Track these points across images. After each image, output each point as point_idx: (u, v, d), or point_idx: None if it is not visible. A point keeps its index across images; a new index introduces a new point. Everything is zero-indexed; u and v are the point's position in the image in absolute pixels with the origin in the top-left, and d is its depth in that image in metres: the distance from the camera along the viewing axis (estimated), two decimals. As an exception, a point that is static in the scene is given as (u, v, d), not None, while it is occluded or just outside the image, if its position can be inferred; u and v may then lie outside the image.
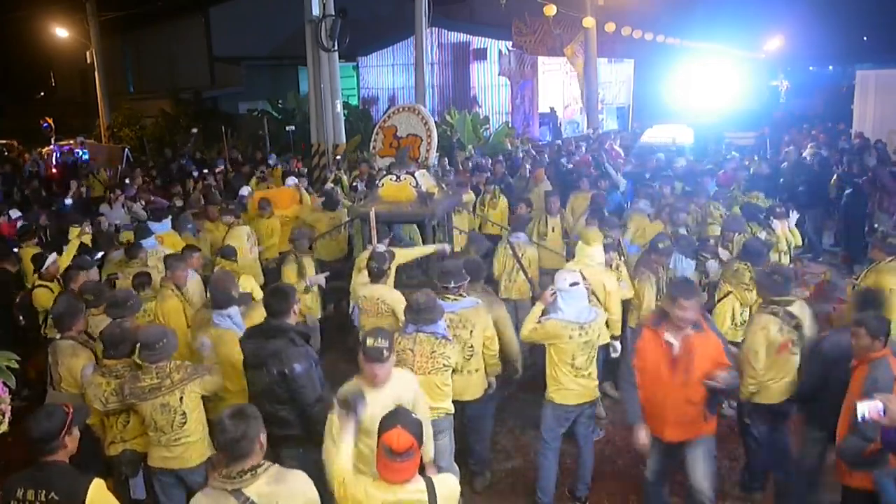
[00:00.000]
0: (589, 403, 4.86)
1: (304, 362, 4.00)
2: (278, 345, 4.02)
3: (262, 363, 4.02)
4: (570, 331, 4.61)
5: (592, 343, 4.73)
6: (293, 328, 4.17)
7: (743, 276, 5.88)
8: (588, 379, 4.77)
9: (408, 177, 6.73)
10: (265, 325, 4.19)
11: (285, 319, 4.16)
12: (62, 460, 3.17)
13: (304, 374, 3.98)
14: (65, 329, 4.83)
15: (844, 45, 23.81)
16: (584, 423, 4.92)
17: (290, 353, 3.99)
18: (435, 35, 22.67)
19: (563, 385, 4.71)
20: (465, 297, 4.92)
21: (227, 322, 4.82)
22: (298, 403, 4.01)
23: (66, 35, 24.32)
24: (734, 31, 22.09)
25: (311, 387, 4.02)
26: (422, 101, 16.21)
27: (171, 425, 4.10)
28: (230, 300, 4.89)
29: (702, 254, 6.36)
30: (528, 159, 12.90)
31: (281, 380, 3.97)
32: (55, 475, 3.11)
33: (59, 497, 3.05)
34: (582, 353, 4.68)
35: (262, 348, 4.06)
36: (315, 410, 3.99)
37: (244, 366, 4.25)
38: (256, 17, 25.43)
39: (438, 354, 4.44)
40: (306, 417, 4.03)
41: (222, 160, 15.10)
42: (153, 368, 4.11)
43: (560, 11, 16.70)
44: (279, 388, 3.99)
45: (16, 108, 31.19)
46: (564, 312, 4.64)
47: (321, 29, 13.00)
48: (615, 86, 24.07)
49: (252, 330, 4.30)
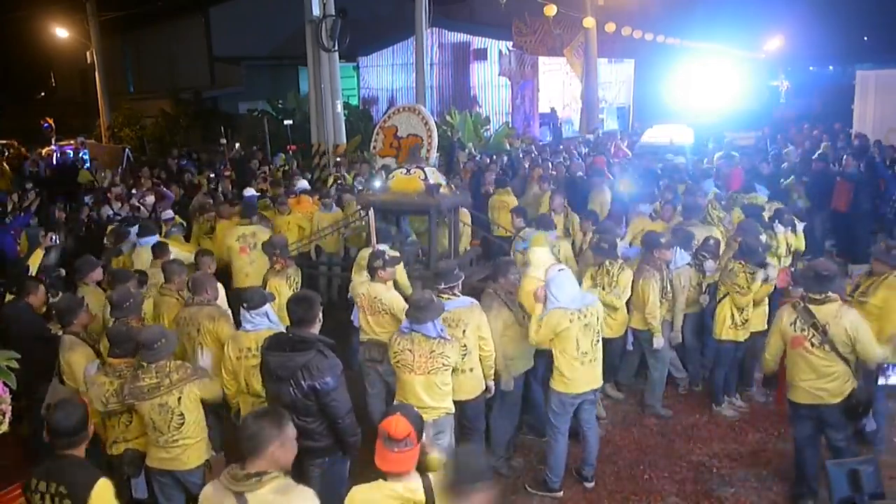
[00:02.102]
0: (593, 390, 4.97)
1: (335, 375, 3.90)
2: (308, 357, 3.87)
3: (291, 376, 3.87)
4: (570, 315, 4.74)
5: (593, 327, 4.85)
6: (320, 339, 4.00)
7: (738, 277, 5.88)
8: (593, 365, 4.88)
9: (418, 170, 6.83)
10: (290, 335, 4.00)
11: (310, 329, 4.01)
12: (78, 454, 3.23)
13: (336, 387, 3.89)
14: (65, 324, 4.96)
15: (844, 45, 23.80)
16: (587, 408, 5.05)
17: (322, 367, 3.87)
18: (435, 35, 22.68)
19: (567, 375, 4.83)
20: (459, 296, 4.93)
21: (265, 322, 4.66)
22: (329, 417, 3.93)
23: (66, 35, 24.32)
24: (734, 31, 22.09)
25: (343, 399, 3.94)
26: (422, 101, 16.20)
27: (168, 426, 4.09)
28: (264, 297, 4.77)
29: (701, 253, 6.35)
30: (526, 159, 12.92)
31: (311, 393, 3.86)
32: (67, 468, 3.17)
33: (68, 490, 3.11)
34: (585, 337, 4.80)
35: (290, 360, 3.88)
36: (347, 422, 3.94)
37: (267, 378, 4.08)
38: (256, 17, 25.43)
39: (438, 354, 4.44)
40: (337, 430, 3.96)
41: (223, 160, 15.12)
42: (153, 368, 4.11)
43: (560, 11, 16.71)
44: (309, 401, 3.87)
45: (16, 108, 31.16)
46: (559, 300, 4.75)
47: (321, 29, 13.00)
48: (615, 86, 24.07)
49: (274, 340, 4.07)
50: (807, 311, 4.56)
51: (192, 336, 5.06)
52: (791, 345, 4.63)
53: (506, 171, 12.25)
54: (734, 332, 6.01)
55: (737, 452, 5.64)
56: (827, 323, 4.48)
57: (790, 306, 4.71)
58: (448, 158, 13.95)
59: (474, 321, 4.84)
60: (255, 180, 12.28)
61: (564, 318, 4.74)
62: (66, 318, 4.95)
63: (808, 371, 4.58)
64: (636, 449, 5.76)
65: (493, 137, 18.79)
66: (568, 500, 5.13)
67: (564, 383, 4.86)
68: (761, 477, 5.30)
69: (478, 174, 11.38)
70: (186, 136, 22.12)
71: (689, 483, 5.25)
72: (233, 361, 4.58)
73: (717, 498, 5.08)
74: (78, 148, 19.55)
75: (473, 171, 12.00)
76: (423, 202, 6.67)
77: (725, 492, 5.14)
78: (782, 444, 5.72)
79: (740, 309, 5.94)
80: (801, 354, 4.59)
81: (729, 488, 5.18)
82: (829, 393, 4.54)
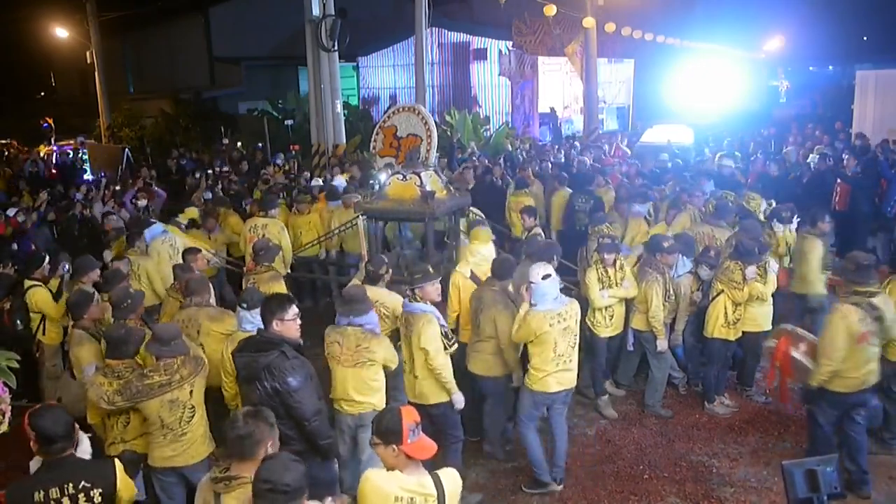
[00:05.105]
0: (566, 391, 5.02)
1: (298, 376, 3.81)
2: (270, 358, 3.82)
3: (255, 377, 3.83)
4: (550, 319, 4.77)
5: (571, 329, 4.88)
6: (285, 339, 3.90)
7: (734, 274, 5.90)
8: (568, 368, 4.92)
9: (414, 176, 6.84)
10: (258, 336, 4.00)
11: (274, 330, 3.93)
12: (72, 455, 3.22)
13: (300, 388, 3.80)
14: (77, 318, 5.04)
15: (844, 45, 23.74)
16: (558, 410, 5.11)
17: (284, 367, 3.79)
18: (435, 35, 22.65)
19: (542, 375, 4.88)
20: (418, 300, 4.88)
21: None
22: (295, 419, 3.84)
23: (66, 35, 24.31)
24: (734, 31, 22.03)
25: (308, 401, 3.84)
26: (422, 101, 16.19)
27: (179, 421, 4.10)
28: (263, 297, 4.68)
29: (701, 263, 6.35)
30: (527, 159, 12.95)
31: (275, 394, 3.79)
32: (74, 467, 3.16)
33: (92, 483, 3.10)
34: (563, 340, 4.84)
35: (254, 361, 3.85)
36: (315, 425, 3.86)
37: (239, 380, 4.09)
38: (256, 17, 25.40)
39: (363, 349, 4.53)
40: (306, 433, 3.88)
41: (223, 161, 15.12)
42: (161, 366, 4.10)
43: (560, 11, 16.68)
44: (274, 402, 3.77)
45: (16, 108, 31.17)
46: (541, 304, 4.80)
47: (321, 29, 13.00)
48: (615, 86, 24.02)
49: (245, 342, 4.09)
50: (871, 306, 4.62)
51: (192, 337, 5.05)
52: (857, 341, 4.62)
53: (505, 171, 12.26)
54: (725, 330, 6.05)
55: (737, 452, 5.63)
56: (884, 311, 4.65)
57: (852, 306, 4.63)
58: (448, 158, 13.95)
59: (416, 330, 4.78)
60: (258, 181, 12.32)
61: (545, 322, 4.78)
62: (77, 312, 5.03)
63: (865, 362, 4.68)
64: (636, 449, 5.76)
65: (493, 137, 18.78)
66: (568, 500, 5.14)
67: (538, 382, 4.92)
68: (761, 477, 5.29)
69: (485, 171, 11.44)
70: (186, 136, 22.09)
71: (689, 483, 5.25)
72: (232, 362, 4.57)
73: (717, 498, 5.08)
74: (77, 148, 19.54)
75: (478, 168, 12.03)
76: (419, 209, 6.69)
77: (725, 492, 5.14)
78: (782, 444, 5.72)
79: (735, 306, 5.95)
80: (864, 349, 4.64)
81: (729, 488, 5.18)
82: (875, 374, 4.77)
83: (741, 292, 5.90)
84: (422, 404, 4.81)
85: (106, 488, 3.14)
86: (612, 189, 9.62)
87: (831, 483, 2.94)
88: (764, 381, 6.60)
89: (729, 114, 19.98)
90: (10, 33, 28.58)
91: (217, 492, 2.88)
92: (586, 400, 6.49)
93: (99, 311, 5.17)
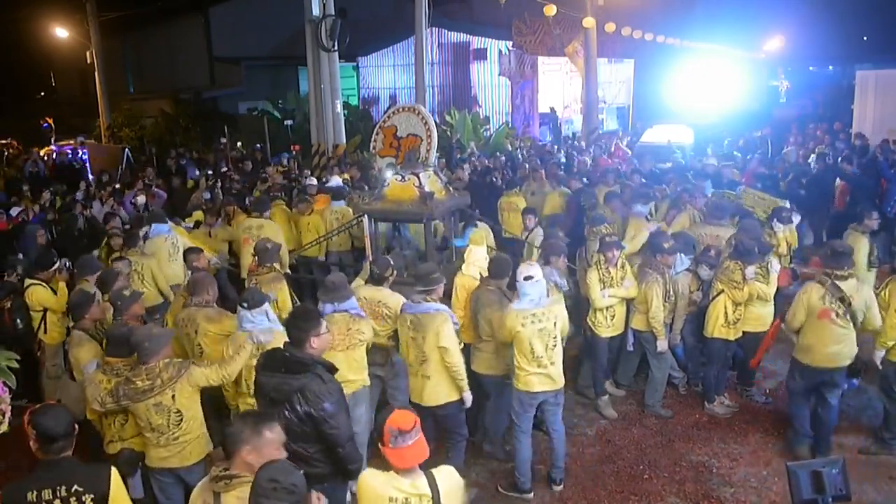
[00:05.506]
0: (553, 392, 5.00)
1: (333, 400, 3.59)
2: (304, 381, 3.56)
3: (286, 400, 3.57)
4: (523, 319, 4.79)
5: (549, 331, 4.85)
6: (318, 361, 3.68)
7: (734, 274, 5.91)
8: (548, 368, 4.90)
9: (412, 177, 6.83)
10: (286, 355, 3.67)
11: (312, 348, 3.70)
12: (69, 456, 3.20)
13: (336, 413, 3.60)
14: (77, 318, 5.05)
15: (844, 45, 23.74)
16: (550, 410, 5.10)
17: (321, 392, 3.55)
18: (435, 35, 22.64)
19: (524, 374, 4.90)
20: (434, 301, 4.89)
21: (264, 321, 4.62)
22: (329, 444, 3.63)
23: (66, 35, 24.28)
24: (734, 31, 22.02)
25: (344, 426, 3.66)
26: (422, 101, 16.19)
27: (167, 424, 4.08)
28: (263, 297, 4.74)
29: (701, 262, 6.35)
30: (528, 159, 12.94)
31: (307, 419, 3.56)
32: (69, 470, 3.14)
33: (84, 488, 3.08)
34: (539, 342, 4.81)
35: (285, 383, 3.57)
36: (348, 450, 3.67)
37: (259, 397, 3.76)
38: (256, 17, 25.40)
39: (354, 330, 4.74)
40: (337, 457, 3.68)
41: (223, 161, 15.12)
42: (143, 370, 4.08)
43: (560, 11, 16.67)
44: (305, 427, 3.57)
45: (16, 108, 31.15)
46: (520, 302, 4.84)
47: (321, 29, 13.00)
48: (615, 86, 24.01)
49: (269, 359, 3.74)
50: (835, 287, 5.15)
51: (191, 337, 5.05)
52: (818, 316, 5.20)
53: (505, 171, 12.27)
54: (726, 330, 6.05)
55: (737, 452, 5.64)
56: (851, 296, 5.12)
57: (817, 283, 5.23)
58: (448, 159, 13.96)
59: (433, 329, 4.77)
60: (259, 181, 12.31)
61: (517, 321, 4.80)
62: (78, 313, 5.05)
63: (830, 339, 5.20)
64: (636, 449, 5.76)
65: (493, 137, 18.78)
66: (568, 500, 5.14)
67: (522, 381, 4.94)
68: (761, 477, 5.30)
69: (485, 172, 11.43)
70: (186, 136, 22.08)
71: (689, 483, 5.26)
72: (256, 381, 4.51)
73: (717, 498, 5.08)
74: (77, 148, 19.53)
75: (478, 168, 12.02)
76: (417, 211, 6.70)
77: (725, 492, 5.14)
78: (782, 444, 5.72)
79: (735, 306, 5.96)
80: (825, 325, 5.18)
81: (729, 488, 5.18)
82: (843, 356, 5.24)
83: (741, 292, 5.91)
84: (429, 406, 4.82)
85: (98, 494, 3.11)
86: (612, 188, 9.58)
87: (836, 485, 2.94)
88: (764, 381, 6.59)
89: (729, 114, 19.96)
90: (10, 33, 28.56)
91: (217, 491, 2.87)
92: (586, 400, 6.49)
93: (100, 312, 5.15)
